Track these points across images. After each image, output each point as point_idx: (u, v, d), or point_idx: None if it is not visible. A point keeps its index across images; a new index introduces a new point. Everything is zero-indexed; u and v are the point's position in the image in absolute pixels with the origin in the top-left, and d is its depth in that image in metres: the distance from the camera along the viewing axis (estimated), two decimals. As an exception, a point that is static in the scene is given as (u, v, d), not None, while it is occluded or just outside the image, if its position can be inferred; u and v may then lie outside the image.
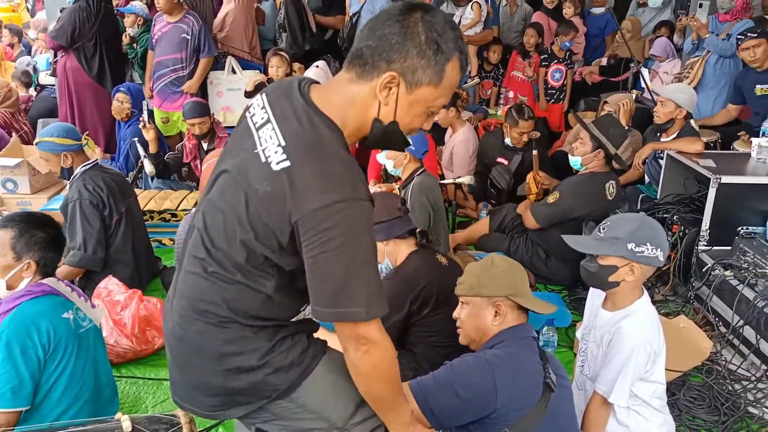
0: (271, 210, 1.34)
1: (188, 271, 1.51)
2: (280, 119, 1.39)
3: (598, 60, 6.50)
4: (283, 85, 1.48)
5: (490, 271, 2.01)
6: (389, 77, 1.36)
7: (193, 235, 1.52)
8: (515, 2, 6.91)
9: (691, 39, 5.31)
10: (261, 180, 1.35)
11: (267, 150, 1.36)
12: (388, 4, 5.46)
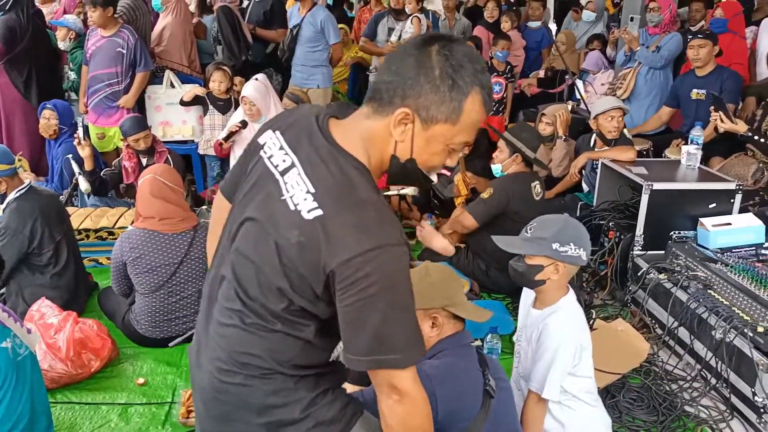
0: (305, 260, 1.29)
1: (223, 323, 1.44)
2: (305, 163, 1.35)
3: (536, 72, 6.66)
4: (300, 122, 1.42)
5: (425, 281, 1.99)
6: (402, 114, 1.31)
7: (222, 285, 1.46)
8: (454, 16, 7.05)
9: (624, 51, 5.50)
10: (292, 229, 1.30)
11: (295, 197, 1.32)
12: (329, 18, 5.54)
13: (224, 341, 1.44)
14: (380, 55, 6.08)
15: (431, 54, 1.30)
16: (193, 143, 5.14)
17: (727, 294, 2.88)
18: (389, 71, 1.33)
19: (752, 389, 2.55)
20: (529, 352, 2.22)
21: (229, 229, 1.47)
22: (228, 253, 1.45)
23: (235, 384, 1.43)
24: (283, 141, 1.40)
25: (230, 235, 1.45)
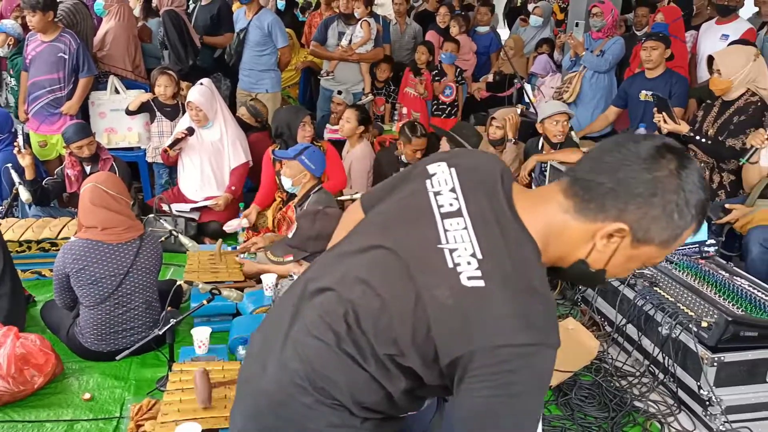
0: (445, 325, 1.15)
1: (314, 335, 1.30)
2: (477, 219, 1.22)
3: (485, 77, 6.76)
4: (482, 170, 1.30)
5: None
6: (618, 228, 1.18)
7: (325, 295, 1.32)
8: (405, 21, 7.09)
9: (570, 56, 5.63)
10: (443, 288, 1.16)
11: (456, 255, 1.18)
12: (276, 21, 5.50)
13: (308, 354, 1.31)
14: (331, 59, 6.06)
15: (670, 176, 1.15)
16: (140, 150, 5.02)
17: (673, 291, 2.95)
18: (611, 174, 1.17)
19: (698, 383, 2.61)
20: None
21: (352, 243, 1.34)
22: (342, 266, 1.32)
23: (302, 404, 1.31)
24: (456, 182, 1.29)
25: (352, 251, 1.32)
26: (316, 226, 2.42)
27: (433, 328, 1.17)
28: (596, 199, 1.18)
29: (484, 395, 1.12)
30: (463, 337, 1.13)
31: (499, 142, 4.80)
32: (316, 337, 1.30)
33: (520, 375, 1.11)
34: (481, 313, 1.13)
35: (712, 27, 5.20)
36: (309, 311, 1.34)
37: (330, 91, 6.01)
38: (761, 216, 3.52)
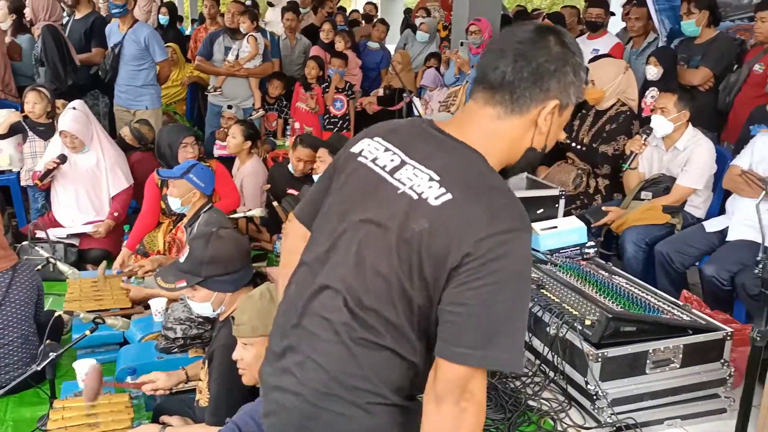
0: (433, 249, 1.22)
1: (324, 339, 1.31)
2: (423, 158, 1.31)
3: (376, 91, 6.87)
4: (404, 128, 1.41)
5: (270, 307, 1.92)
6: (553, 106, 1.33)
7: (320, 296, 1.33)
8: (295, 36, 7.09)
9: (453, 72, 5.83)
10: (418, 219, 1.24)
11: (416, 187, 1.27)
12: (153, 35, 5.30)
13: (326, 360, 1.31)
14: (218, 75, 5.93)
15: (559, 48, 1.32)
16: (12, 173, 4.68)
17: (558, 292, 3.09)
18: (517, 68, 1.30)
19: (585, 378, 2.74)
20: None
21: (328, 239, 1.37)
22: (324, 264, 1.35)
23: (333, 412, 1.30)
24: (387, 144, 1.38)
25: (332, 245, 1.35)
26: (210, 250, 2.32)
27: (425, 259, 1.23)
28: (523, 94, 1.31)
29: (475, 287, 1.19)
30: (450, 248, 1.20)
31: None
32: (326, 341, 1.31)
33: (506, 261, 1.19)
34: (457, 219, 1.21)
35: (584, 42, 5.54)
36: (311, 319, 1.35)
37: (218, 106, 5.88)
38: (634, 217, 3.78)
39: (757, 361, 2.29)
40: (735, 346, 2.89)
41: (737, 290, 3.24)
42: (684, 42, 4.73)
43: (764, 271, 2.15)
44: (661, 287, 3.51)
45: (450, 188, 1.25)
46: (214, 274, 2.31)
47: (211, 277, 2.31)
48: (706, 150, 3.77)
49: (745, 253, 3.11)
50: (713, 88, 4.40)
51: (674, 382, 2.81)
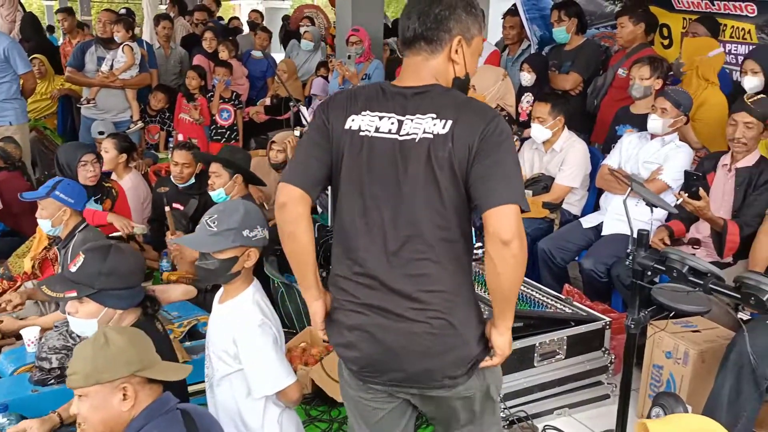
0: (456, 155, 1.60)
1: (420, 262, 1.66)
2: (413, 109, 1.66)
3: (263, 100, 6.76)
4: (370, 92, 1.73)
5: (105, 352, 1.78)
6: (456, 41, 1.69)
7: (372, 233, 1.67)
8: (169, 45, 6.86)
9: (337, 81, 5.84)
10: (441, 147, 1.61)
11: (427, 130, 1.63)
12: (14, 45, 4.90)
13: (432, 280, 1.66)
14: (91, 86, 5.62)
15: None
16: None
17: (450, 293, 3.16)
18: (425, 21, 1.68)
19: (478, 376, 2.81)
20: (223, 356, 2.16)
21: (371, 202, 1.67)
22: (355, 203, 1.68)
23: (460, 317, 1.68)
24: (377, 113, 1.69)
25: (386, 203, 1.66)
26: (109, 262, 2.16)
27: (455, 164, 1.61)
28: (433, 40, 1.69)
29: (494, 157, 1.59)
30: (466, 149, 1.61)
31: (282, 165, 4.80)
32: (430, 259, 1.67)
33: (501, 132, 1.62)
34: (463, 131, 1.61)
35: (463, 50, 5.73)
36: (402, 257, 1.67)
37: (92, 120, 5.56)
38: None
39: (632, 347, 2.44)
40: (614, 335, 3.08)
41: (613, 281, 3.45)
42: (555, 49, 5.00)
43: (634, 263, 2.29)
44: (544, 282, 3.68)
45: (447, 116, 1.63)
46: (110, 287, 2.16)
47: (105, 290, 2.15)
48: (580, 151, 4.00)
49: (618, 246, 3.31)
50: (583, 92, 4.68)
51: (561, 372, 2.95)
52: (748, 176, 3.23)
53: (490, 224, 1.55)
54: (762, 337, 2.27)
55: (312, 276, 1.75)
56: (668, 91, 3.59)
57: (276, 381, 2.13)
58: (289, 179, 1.69)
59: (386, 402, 1.81)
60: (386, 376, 1.73)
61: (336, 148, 1.70)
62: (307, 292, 1.78)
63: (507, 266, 1.56)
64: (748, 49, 4.03)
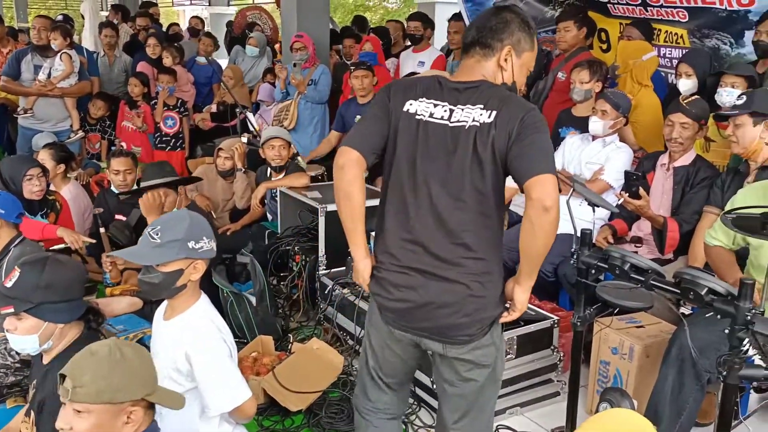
0: (499, 139, 1.82)
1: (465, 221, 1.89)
2: (465, 101, 1.89)
3: (209, 107, 6.66)
4: (433, 84, 1.95)
5: (122, 368, 1.65)
6: (508, 49, 1.92)
7: (424, 209, 1.90)
8: (114, 53, 6.69)
9: (280, 88, 5.81)
10: (487, 134, 1.83)
11: (474, 118, 1.85)
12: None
13: (478, 241, 1.91)
14: (28, 95, 5.43)
15: (505, 11, 1.96)
16: None
17: (401, 297, 3.16)
18: (482, 30, 1.94)
19: (431, 378, 2.83)
20: (174, 375, 2.11)
21: (422, 178, 1.90)
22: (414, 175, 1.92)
23: (497, 274, 1.98)
24: (433, 100, 1.91)
25: (453, 176, 1.88)
26: (47, 274, 2.07)
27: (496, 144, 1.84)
28: (486, 44, 1.93)
29: (530, 138, 1.80)
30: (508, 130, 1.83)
31: (229, 172, 4.74)
32: (472, 216, 1.91)
33: (536, 119, 1.84)
34: (505, 119, 1.83)
35: (410, 55, 5.78)
36: (443, 215, 1.91)
37: (30, 130, 5.38)
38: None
39: (579, 344, 2.49)
40: (562, 332, 3.14)
41: (560, 280, 3.52)
42: (499, 53, 5.07)
43: (578, 262, 2.34)
44: (495, 284, 3.71)
45: (492, 107, 1.85)
46: (49, 300, 2.06)
47: (44, 303, 2.06)
48: (525, 153, 4.06)
49: (564, 246, 3.36)
50: (526, 96, 4.77)
51: (512, 372, 2.98)
52: (685, 175, 3.34)
53: (533, 191, 1.75)
54: (702, 331, 2.34)
55: (362, 235, 1.96)
56: (607, 94, 3.69)
57: (234, 397, 2.09)
58: (350, 143, 1.92)
59: (407, 350, 2.08)
60: (419, 325, 1.95)
61: (393, 126, 1.94)
62: (357, 250, 1.98)
63: (544, 231, 1.77)
64: (681, 52, 4.18)
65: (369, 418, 2.21)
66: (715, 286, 1.92)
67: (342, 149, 1.92)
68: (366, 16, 19.28)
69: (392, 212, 1.97)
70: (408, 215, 1.93)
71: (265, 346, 3.22)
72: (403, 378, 2.20)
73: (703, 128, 3.37)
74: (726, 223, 2.09)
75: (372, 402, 2.20)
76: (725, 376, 1.89)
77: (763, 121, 2.91)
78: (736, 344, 1.84)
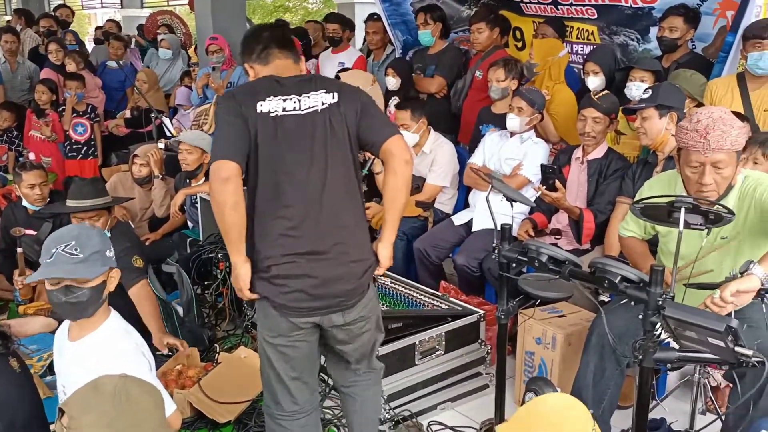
0: (348, 114, 2.10)
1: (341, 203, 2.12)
2: (307, 89, 2.10)
3: (123, 112, 6.42)
4: (270, 84, 2.10)
5: (129, 413, 1.53)
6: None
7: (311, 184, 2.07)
8: (16, 60, 6.37)
9: (197, 93, 5.68)
10: (338, 111, 2.09)
11: (322, 101, 2.08)
12: None
13: (355, 221, 2.16)
14: None
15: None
16: None
17: (328, 300, 3.14)
18: (279, 39, 2.23)
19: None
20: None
21: (291, 168, 2.06)
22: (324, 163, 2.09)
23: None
24: (279, 96, 2.06)
25: (319, 155, 2.08)
26: None
27: (348, 120, 2.12)
28: (290, 50, 2.26)
29: (372, 111, 2.17)
30: (354, 109, 2.12)
31: (146, 180, 4.58)
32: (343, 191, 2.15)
33: (370, 98, 2.19)
34: (348, 97, 2.13)
35: (329, 56, 5.74)
36: (343, 196, 2.15)
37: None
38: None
39: (504, 337, 2.54)
40: (489, 326, 3.20)
41: (485, 275, 3.59)
42: (418, 52, 5.13)
43: (500, 256, 2.38)
44: (422, 281, 3.76)
45: (333, 90, 2.10)
46: None
47: None
48: (448, 151, 4.13)
49: (487, 241, 3.44)
50: (447, 95, 4.83)
51: (441, 368, 3.02)
52: (598, 167, 3.47)
53: (394, 149, 2.08)
54: (618, 318, 2.43)
55: (243, 243, 2.06)
56: (522, 91, 3.79)
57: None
58: (224, 155, 1.98)
59: (309, 335, 2.17)
60: (321, 303, 2.09)
61: (253, 129, 2.02)
62: (239, 257, 2.06)
63: (406, 181, 2.11)
64: (592, 48, 4.33)
65: (297, 418, 2.25)
66: (627, 273, 2.00)
67: (219, 163, 1.97)
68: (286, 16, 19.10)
69: (268, 206, 2.07)
70: (286, 207, 2.05)
71: (189, 358, 3.12)
72: (312, 368, 2.30)
73: (613, 122, 3.51)
74: (635, 212, 2.18)
75: (300, 405, 2.24)
76: (641, 360, 1.97)
77: (668, 113, 3.06)
78: (649, 329, 1.92)
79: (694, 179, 2.28)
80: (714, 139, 2.19)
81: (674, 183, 2.48)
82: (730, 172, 2.26)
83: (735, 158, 2.25)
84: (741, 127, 2.26)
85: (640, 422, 2.06)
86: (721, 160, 2.22)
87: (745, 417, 2.14)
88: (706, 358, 2.00)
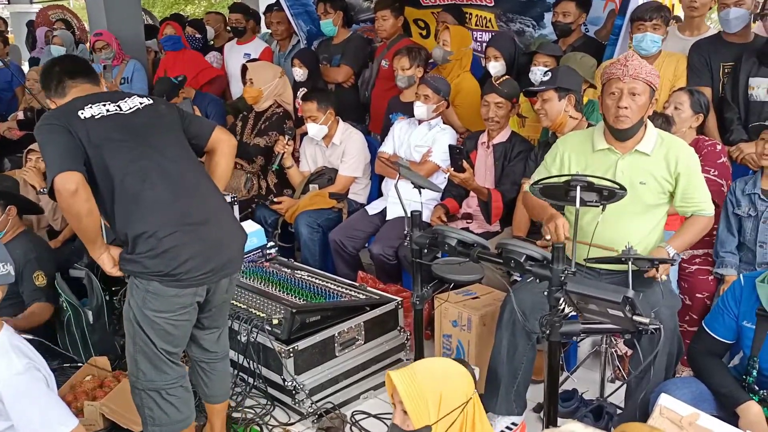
0: (165, 116, 2.33)
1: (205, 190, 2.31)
2: (119, 98, 2.26)
3: (14, 114, 6.04)
4: (84, 99, 2.19)
5: None
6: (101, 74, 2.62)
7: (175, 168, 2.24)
8: None
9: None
10: (153, 109, 2.29)
11: (136, 104, 2.26)
12: None
13: (214, 197, 2.34)
14: None
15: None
16: None
17: (244, 298, 3.08)
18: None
19: (281, 376, 2.79)
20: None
21: (140, 148, 2.19)
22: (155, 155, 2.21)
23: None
24: (97, 103, 2.17)
25: (150, 146, 2.21)
26: None
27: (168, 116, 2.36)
28: (87, 71, 2.40)
29: (190, 115, 2.48)
30: (170, 114, 2.36)
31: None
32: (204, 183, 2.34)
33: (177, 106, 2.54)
34: (159, 101, 2.42)
35: (234, 47, 5.61)
36: (189, 180, 2.29)
37: None
38: (304, 203, 4.00)
39: (420, 322, 2.58)
40: (407, 312, 3.23)
41: (401, 262, 3.63)
42: (323, 42, 5.09)
43: (412, 242, 2.42)
44: (339, 272, 3.76)
45: (144, 96, 2.31)
46: None
47: None
48: (358, 141, 4.13)
49: (401, 229, 3.48)
50: (355, 84, 4.83)
51: (362, 357, 3.04)
52: (503, 150, 3.57)
53: (223, 137, 2.39)
54: (527, 295, 2.52)
55: (100, 235, 2.15)
56: (428, 79, 3.84)
57: (59, 428, 1.92)
58: (65, 167, 1.99)
59: (192, 309, 2.25)
60: (215, 263, 2.20)
61: (82, 137, 2.08)
62: (98, 250, 2.16)
63: (233, 158, 2.50)
64: (491, 35, 4.44)
65: (173, 392, 2.32)
66: (532, 253, 2.07)
67: (64, 175, 1.98)
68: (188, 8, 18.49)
69: (139, 196, 2.14)
70: (153, 187, 2.15)
71: (100, 369, 2.99)
72: (183, 346, 2.39)
73: (515, 106, 3.62)
74: (535, 193, 2.26)
75: (172, 377, 2.31)
76: (548, 334, 2.05)
77: (567, 95, 3.18)
78: (554, 304, 2.00)
79: (612, 105, 2.45)
80: (632, 66, 2.41)
81: (588, 138, 2.62)
82: (644, 101, 2.43)
83: (648, 95, 2.43)
84: (654, 69, 2.47)
85: (551, 394, 2.15)
86: (636, 87, 2.41)
87: (645, 380, 2.27)
88: (608, 329, 2.11)
